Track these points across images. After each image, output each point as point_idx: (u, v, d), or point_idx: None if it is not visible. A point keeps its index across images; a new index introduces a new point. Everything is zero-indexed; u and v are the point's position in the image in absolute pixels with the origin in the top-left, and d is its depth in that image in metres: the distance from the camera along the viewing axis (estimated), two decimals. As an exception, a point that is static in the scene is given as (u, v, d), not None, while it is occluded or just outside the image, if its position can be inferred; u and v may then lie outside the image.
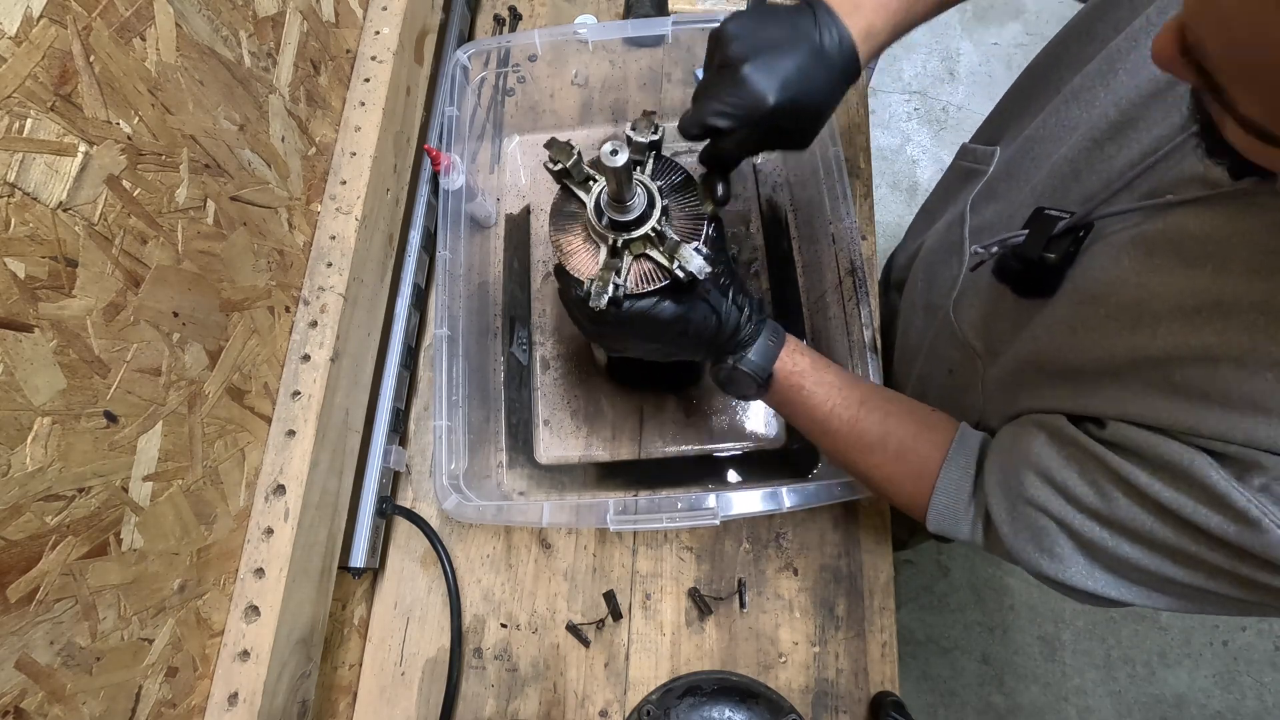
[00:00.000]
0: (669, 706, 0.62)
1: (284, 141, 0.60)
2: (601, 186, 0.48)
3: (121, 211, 0.43)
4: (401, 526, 0.73)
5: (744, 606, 0.69)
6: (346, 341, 0.63)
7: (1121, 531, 0.41)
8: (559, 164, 0.48)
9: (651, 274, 0.48)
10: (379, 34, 0.73)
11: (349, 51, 0.71)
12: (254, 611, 0.53)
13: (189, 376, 0.49)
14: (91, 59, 0.41)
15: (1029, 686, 1.50)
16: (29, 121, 0.37)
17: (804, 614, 0.69)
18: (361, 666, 0.70)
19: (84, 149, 0.40)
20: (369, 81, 0.70)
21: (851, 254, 0.68)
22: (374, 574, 0.72)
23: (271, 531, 0.55)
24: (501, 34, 0.91)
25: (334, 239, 0.64)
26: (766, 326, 0.54)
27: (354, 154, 0.67)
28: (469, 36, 0.91)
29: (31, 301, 0.37)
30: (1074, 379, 0.45)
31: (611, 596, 0.69)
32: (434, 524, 0.72)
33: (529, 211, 0.86)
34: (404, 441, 0.76)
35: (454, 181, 0.73)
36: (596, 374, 0.78)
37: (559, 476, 0.75)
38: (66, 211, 0.39)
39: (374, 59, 0.71)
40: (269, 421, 0.58)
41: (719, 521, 0.60)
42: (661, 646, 0.69)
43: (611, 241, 0.48)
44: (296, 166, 0.62)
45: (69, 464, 0.39)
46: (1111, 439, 0.41)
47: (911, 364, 0.71)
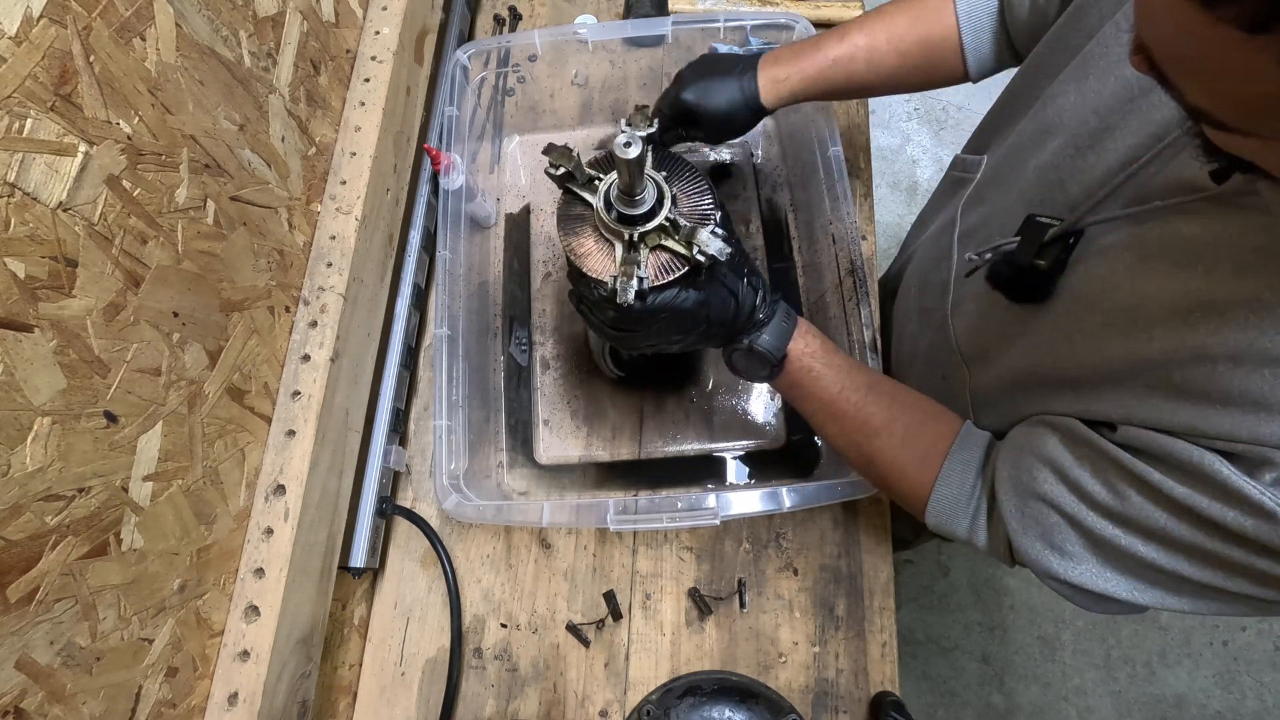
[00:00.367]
0: (669, 706, 0.62)
1: (284, 141, 0.60)
2: (609, 184, 0.48)
3: (121, 211, 0.43)
4: (401, 526, 0.73)
5: (744, 606, 0.69)
6: (346, 341, 0.63)
7: (1136, 530, 0.41)
8: (560, 168, 0.48)
9: (669, 264, 0.48)
10: (379, 34, 0.73)
11: (349, 51, 0.71)
12: (254, 611, 0.53)
13: (189, 376, 0.49)
14: (91, 59, 0.41)
15: (1029, 686, 1.50)
16: (29, 121, 0.37)
17: (804, 614, 0.69)
18: (361, 666, 0.70)
19: (84, 149, 0.40)
20: (369, 81, 0.70)
21: (851, 254, 0.68)
22: (374, 574, 0.72)
23: (271, 531, 0.55)
24: (501, 34, 0.91)
25: (334, 239, 0.64)
26: (780, 308, 0.54)
27: (354, 154, 0.67)
28: (469, 36, 0.91)
29: (31, 301, 0.37)
30: (1075, 386, 0.45)
31: (611, 596, 0.69)
32: (434, 524, 0.72)
33: (529, 211, 0.86)
34: (404, 441, 0.76)
35: (454, 181, 0.73)
36: (596, 374, 0.78)
37: (559, 476, 0.75)
38: (66, 211, 0.39)
39: (374, 59, 0.71)
40: (269, 421, 0.58)
41: (719, 521, 0.60)
42: (661, 646, 0.69)
43: (627, 237, 0.48)
44: (296, 166, 0.62)
45: (69, 464, 0.39)
46: (1122, 440, 0.41)
47: (905, 370, 0.71)
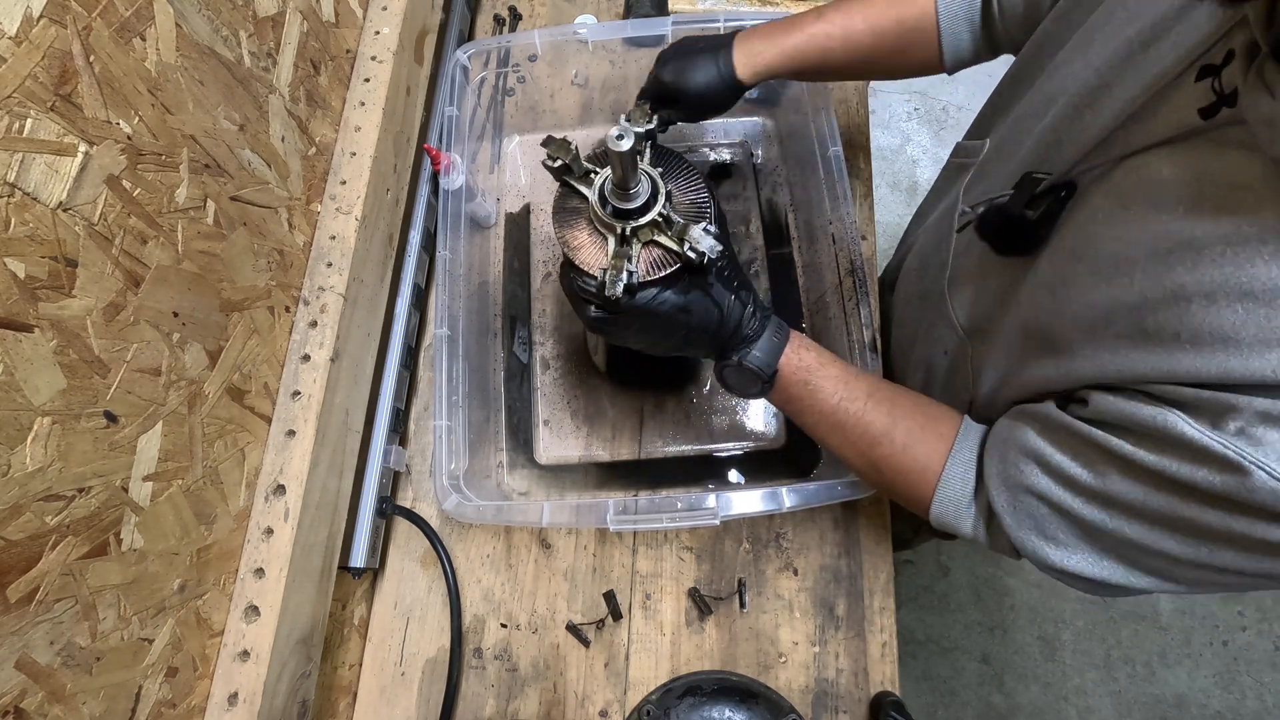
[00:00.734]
0: (669, 706, 0.62)
1: (284, 141, 0.60)
2: (604, 177, 0.48)
3: (121, 211, 0.43)
4: (401, 526, 0.73)
5: (744, 606, 0.69)
6: (346, 341, 0.63)
7: (1120, 510, 0.41)
8: (558, 160, 0.48)
9: (661, 260, 0.48)
10: (379, 34, 0.73)
11: (349, 51, 0.71)
12: (254, 611, 0.53)
13: (189, 376, 0.49)
14: (91, 59, 0.41)
15: (1029, 686, 1.50)
16: (29, 121, 0.37)
17: (804, 614, 0.69)
18: (361, 666, 0.70)
19: (84, 149, 0.40)
20: (369, 81, 0.70)
21: (851, 254, 0.68)
22: (374, 574, 0.72)
23: (271, 531, 0.55)
24: (501, 34, 0.91)
25: (334, 239, 0.64)
26: (771, 323, 0.54)
27: (354, 154, 0.67)
28: (469, 36, 0.91)
29: (31, 301, 0.37)
30: (1054, 345, 0.46)
31: (611, 596, 0.69)
32: (434, 524, 0.72)
33: (529, 211, 0.86)
34: (404, 441, 0.76)
35: (454, 181, 0.73)
36: (596, 374, 0.78)
37: (559, 476, 0.75)
38: (66, 211, 0.39)
39: (374, 59, 0.71)
40: (269, 421, 0.58)
41: (719, 521, 0.60)
42: (661, 646, 0.68)
43: (619, 230, 0.48)
44: (296, 166, 0.62)
45: (69, 464, 0.39)
46: (1093, 416, 0.42)
47: (908, 353, 0.71)
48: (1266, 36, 0.32)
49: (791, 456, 0.74)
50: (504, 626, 0.70)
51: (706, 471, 0.74)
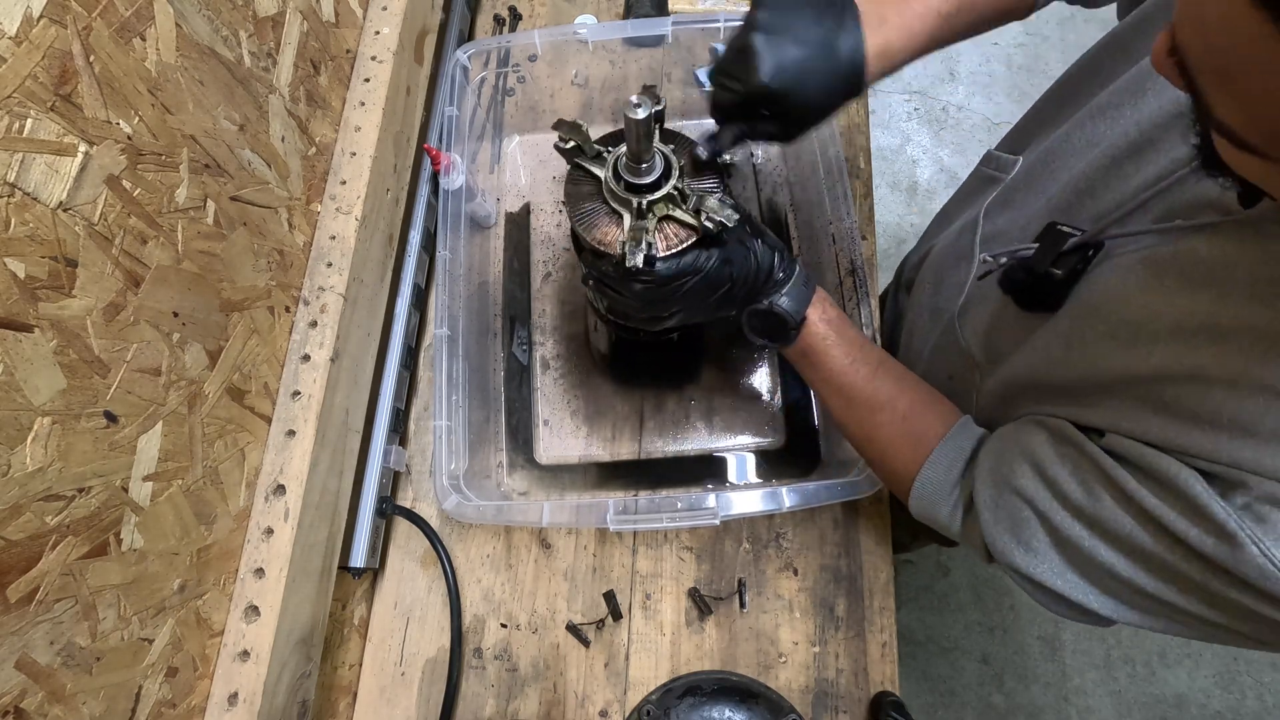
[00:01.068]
0: (669, 706, 0.62)
1: (284, 141, 0.60)
2: (617, 154, 0.48)
3: (121, 211, 0.43)
4: (401, 526, 0.73)
5: (744, 606, 0.69)
6: (346, 341, 0.63)
7: (1102, 533, 0.41)
8: (570, 141, 0.49)
9: (677, 235, 0.48)
10: (379, 34, 0.73)
11: (349, 51, 0.71)
12: (254, 611, 0.53)
13: (189, 376, 0.49)
14: (91, 59, 0.41)
15: (1029, 686, 1.50)
16: (29, 121, 0.37)
17: (804, 614, 0.69)
18: (361, 666, 0.70)
19: (84, 149, 0.40)
20: (369, 81, 0.70)
21: (851, 254, 0.68)
22: (374, 574, 0.72)
23: (271, 531, 0.55)
24: (501, 34, 0.91)
25: (334, 239, 0.64)
26: (800, 271, 0.54)
27: (354, 154, 0.67)
28: (469, 36, 0.91)
29: (31, 301, 0.37)
30: (1069, 393, 0.46)
31: (611, 596, 0.69)
32: (434, 524, 0.72)
33: (529, 211, 0.86)
34: (404, 441, 0.76)
35: (454, 181, 0.73)
36: (596, 374, 0.78)
37: (559, 476, 0.75)
38: (66, 211, 0.39)
39: (374, 59, 0.71)
40: (269, 421, 0.58)
41: (719, 521, 0.60)
42: (661, 646, 0.69)
43: (635, 205, 0.48)
44: (296, 166, 0.62)
45: (69, 464, 0.39)
46: (1107, 447, 0.42)
47: (914, 366, 0.71)
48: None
49: (791, 456, 0.74)
50: (504, 626, 0.70)
51: (706, 471, 0.74)
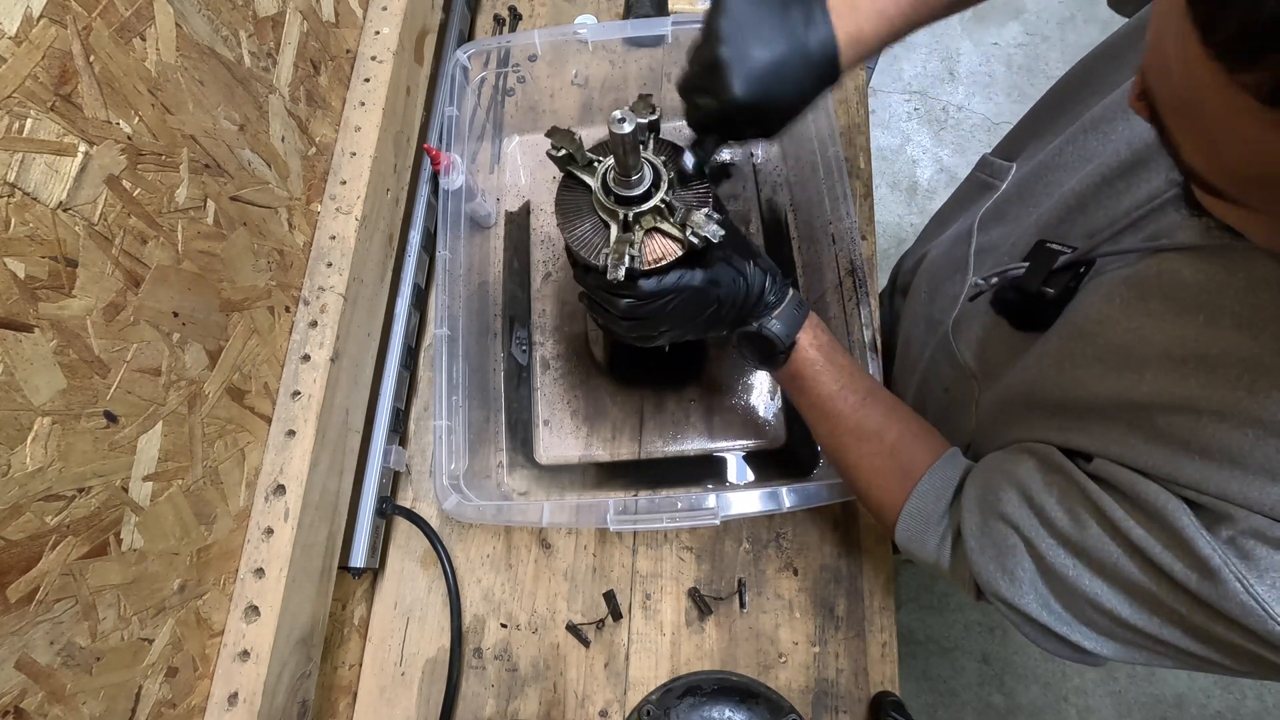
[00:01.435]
0: (669, 706, 0.62)
1: (284, 141, 0.60)
2: (607, 165, 0.49)
3: (121, 211, 0.43)
4: (401, 526, 0.73)
5: (744, 606, 0.69)
6: (346, 341, 0.63)
7: (1087, 562, 0.41)
8: (562, 150, 0.49)
9: (665, 248, 0.48)
10: (379, 34, 0.73)
11: (349, 51, 0.71)
12: (254, 611, 0.53)
13: (189, 376, 0.49)
14: (91, 59, 0.41)
15: (1029, 686, 1.50)
16: (29, 121, 0.37)
17: (804, 614, 0.69)
18: (361, 666, 0.70)
19: (84, 149, 0.40)
20: (369, 81, 0.70)
21: (851, 254, 0.68)
22: (374, 574, 0.72)
23: (271, 531, 0.55)
24: (501, 34, 0.91)
25: (334, 239, 0.64)
26: (792, 295, 0.54)
27: (354, 154, 0.67)
28: (469, 36, 0.91)
29: (31, 301, 0.37)
30: (1060, 413, 0.45)
31: (611, 596, 0.69)
32: (434, 524, 0.72)
33: (529, 211, 0.86)
34: (404, 441, 0.76)
35: (454, 181, 0.73)
36: (596, 374, 0.78)
37: (559, 476, 0.75)
38: (66, 211, 0.39)
39: (374, 59, 0.71)
40: (269, 421, 0.58)
41: (719, 521, 0.60)
42: (661, 646, 0.68)
43: (622, 217, 0.48)
44: (296, 166, 0.62)
45: (69, 464, 0.39)
46: (1095, 472, 0.41)
47: (911, 376, 0.71)
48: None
49: (791, 456, 0.74)
50: (504, 626, 0.70)
51: (706, 471, 0.74)
